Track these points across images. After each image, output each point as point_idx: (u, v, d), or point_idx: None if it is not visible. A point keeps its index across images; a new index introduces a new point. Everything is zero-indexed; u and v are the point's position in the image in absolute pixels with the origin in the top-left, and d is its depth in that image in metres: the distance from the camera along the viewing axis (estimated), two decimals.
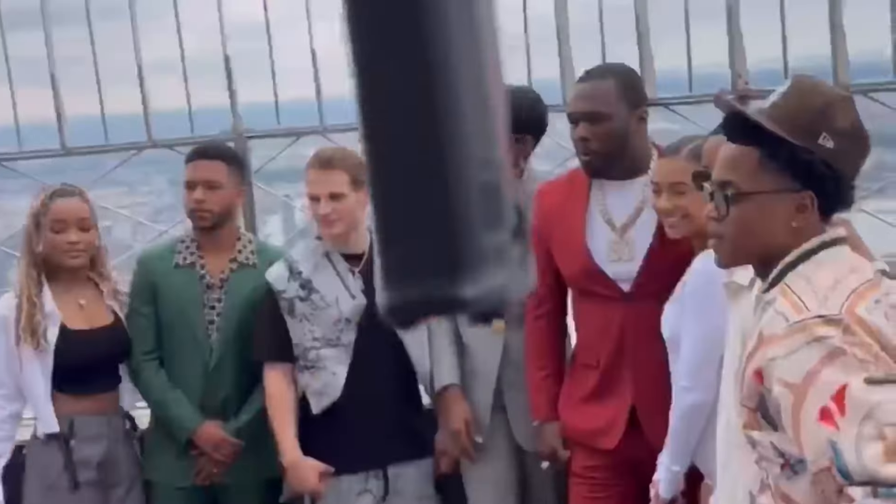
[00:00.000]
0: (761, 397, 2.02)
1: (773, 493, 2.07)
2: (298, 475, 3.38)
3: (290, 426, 3.39)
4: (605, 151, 3.08)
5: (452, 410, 3.43)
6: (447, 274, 0.58)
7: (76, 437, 3.48)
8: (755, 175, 2.02)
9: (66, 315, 3.49)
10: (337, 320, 3.37)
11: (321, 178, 3.33)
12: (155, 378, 3.56)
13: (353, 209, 3.36)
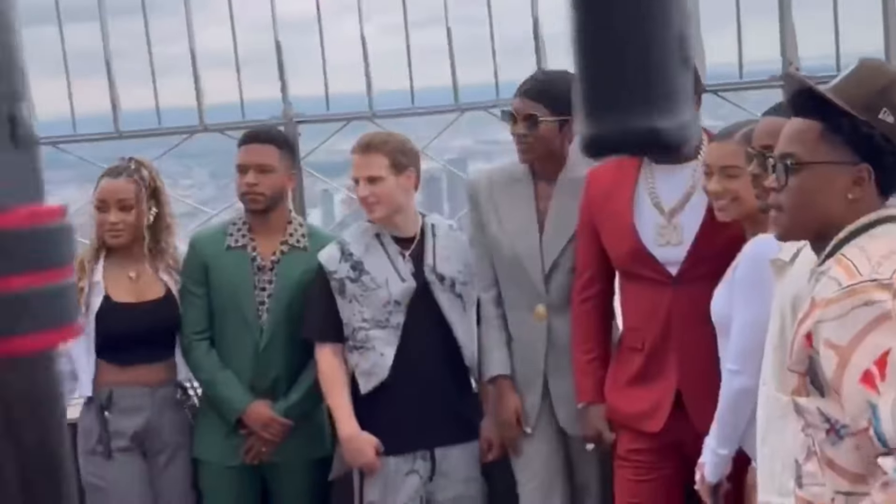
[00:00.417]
0: (810, 361, 2.06)
1: (819, 459, 2.09)
2: (355, 448, 3.43)
3: (345, 400, 3.45)
4: None
5: (503, 401, 3.45)
6: (644, 107, 0.65)
7: (114, 406, 3.55)
8: (816, 147, 2.09)
9: (112, 287, 3.57)
10: (386, 302, 3.42)
11: (361, 162, 3.42)
12: (205, 358, 3.62)
13: (391, 192, 3.41)
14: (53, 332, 0.62)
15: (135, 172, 3.60)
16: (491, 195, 3.45)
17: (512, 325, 3.45)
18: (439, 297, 3.46)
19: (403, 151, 3.45)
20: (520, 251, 3.40)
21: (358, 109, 4.34)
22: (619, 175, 3.24)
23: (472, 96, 4.34)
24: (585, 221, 3.29)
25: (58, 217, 0.61)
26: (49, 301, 0.60)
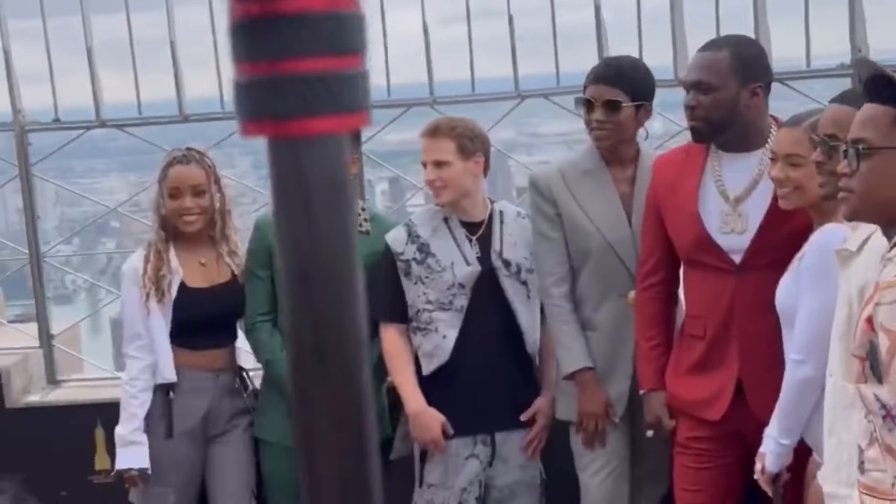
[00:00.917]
0: (871, 345, 2.06)
1: (880, 446, 2.09)
2: (422, 423, 3.46)
3: (410, 377, 3.49)
4: (711, 121, 3.11)
5: (592, 394, 3.44)
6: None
7: (179, 389, 3.61)
8: (888, 133, 2.10)
9: (186, 273, 3.64)
10: (451, 285, 3.45)
11: (429, 146, 3.45)
12: (269, 339, 3.66)
13: (458, 177, 3.44)
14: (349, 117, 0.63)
15: (202, 159, 3.67)
16: (567, 188, 3.45)
17: (600, 314, 3.45)
18: (504, 283, 3.47)
19: (471, 137, 3.47)
20: (612, 239, 3.41)
21: (418, 96, 4.36)
22: (686, 162, 3.24)
23: (531, 84, 4.35)
24: (651, 208, 3.29)
25: (353, 5, 0.61)
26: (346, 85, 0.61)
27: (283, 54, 0.59)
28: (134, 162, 16.00)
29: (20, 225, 6.30)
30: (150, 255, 3.60)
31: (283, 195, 0.63)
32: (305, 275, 0.63)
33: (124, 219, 8.23)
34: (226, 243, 3.71)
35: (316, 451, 0.64)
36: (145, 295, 3.56)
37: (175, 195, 3.61)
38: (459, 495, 3.51)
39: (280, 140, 0.61)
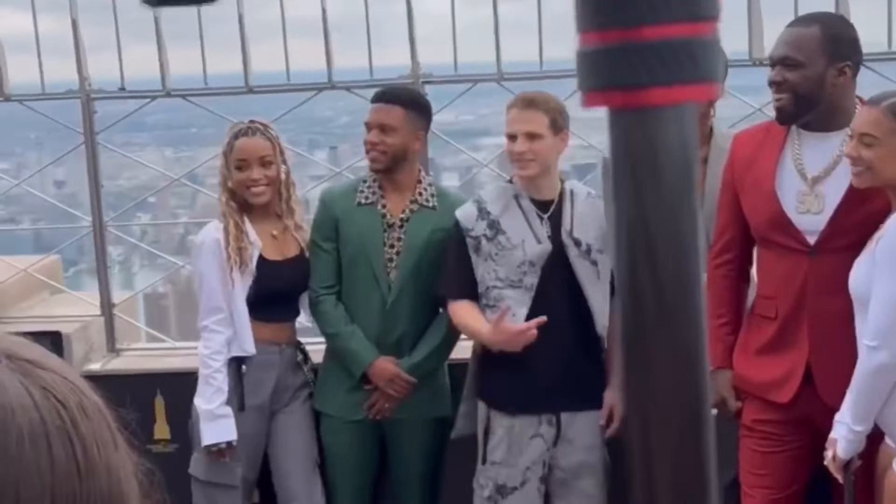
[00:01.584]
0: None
1: None
2: (501, 331, 3.34)
3: (485, 324, 3.42)
4: (797, 97, 3.07)
5: None
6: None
7: (250, 362, 3.62)
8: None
9: (263, 246, 3.63)
10: (521, 263, 3.43)
11: (521, 117, 3.41)
12: (333, 311, 3.67)
13: (548, 151, 3.42)
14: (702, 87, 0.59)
15: (266, 131, 3.67)
16: None
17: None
18: (574, 262, 3.46)
19: (561, 112, 3.46)
20: None
21: (485, 72, 4.35)
22: (766, 139, 3.20)
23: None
24: (727, 185, 3.25)
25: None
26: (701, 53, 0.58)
27: (636, 21, 0.57)
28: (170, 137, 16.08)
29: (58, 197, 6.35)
30: (230, 226, 3.60)
31: (629, 169, 0.60)
32: (652, 255, 0.60)
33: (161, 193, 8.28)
34: (291, 216, 3.71)
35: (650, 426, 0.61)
36: (229, 267, 3.56)
37: (242, 167, 3.61)
38: (523, 474, 3.50)
39: (628, 111, 0.59)
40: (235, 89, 4.50)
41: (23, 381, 0.90)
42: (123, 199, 9.04)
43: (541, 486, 3.53)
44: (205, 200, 12.72)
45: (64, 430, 0.89)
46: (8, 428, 0.88)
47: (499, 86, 4.28)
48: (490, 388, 3.54)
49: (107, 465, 0.91)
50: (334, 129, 15.02)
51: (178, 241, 12.78)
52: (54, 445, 0.88)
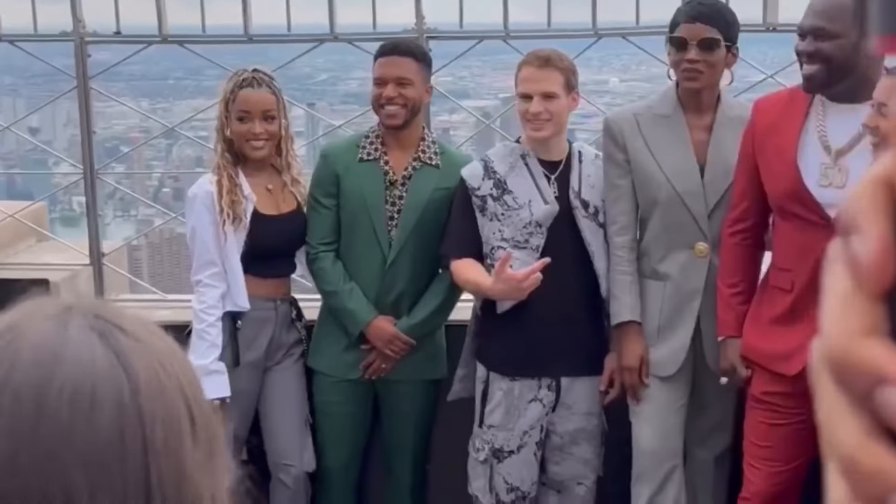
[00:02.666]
0: None
1: None
2: (506, 286, 3.23)
3: (486, 276, 3.33)
4: (830, 69, 2.97)
5: (630, 347, 3.40)
6: None
7: (245, 318, 3.54)
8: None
9: (257, 199, 3.54)
10: (527, 223, 3.36)
11: (538, 76, 3.32)
12: (332, 268, 3.59)
13: (562, 111, 3.35)
14: None
15: (271, 83, 3.57)
16: (640, 134, 3.36)
17: (667, 265, 3.37)
18: (581, 224, 3.39)
19: (573, 72, 3.39)
20: (681, 190, 3.31)
21: (492, 29, 4.25)
22: (789, 109, 3.13)
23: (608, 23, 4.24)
24: (747, 153, 3.19)
25: None
26: None
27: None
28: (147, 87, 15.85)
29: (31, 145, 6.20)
30: (223, 179, 3.51)
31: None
32: None
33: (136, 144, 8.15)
34: (289, 171, 3.63)
35: None
36: (222, 221, 3.47)
37: (244, 118, 3.51)
38: (520, 438, 3.46)
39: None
40: (235, 37, 4.38)
41: (97, 340, 0.82)
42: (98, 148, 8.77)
43: (537, 450, 3.49)
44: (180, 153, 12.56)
45: (118, 401, 0.81)
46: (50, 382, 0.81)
47: (505, 43, 4.19)
48: (490, 350, 3.48)
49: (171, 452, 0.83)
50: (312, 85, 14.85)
51: (153, 194, 12.65)
52: (97, 414, 0.80)
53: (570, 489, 3.56)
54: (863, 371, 0.35)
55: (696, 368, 3.44)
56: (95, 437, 0.78)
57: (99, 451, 0.78)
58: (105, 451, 0.78)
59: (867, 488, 0.35)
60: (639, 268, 3.42)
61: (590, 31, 4.17)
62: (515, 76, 3.38)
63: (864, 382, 0.35)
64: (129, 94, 18.21)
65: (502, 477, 3.48)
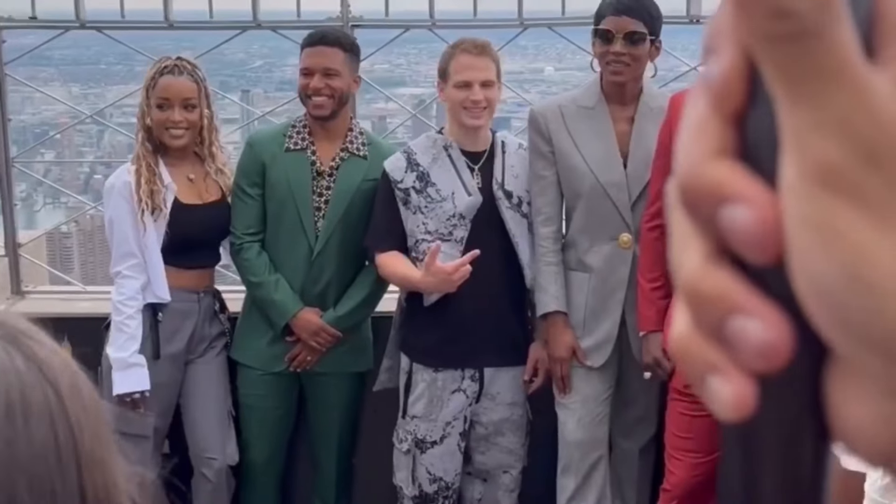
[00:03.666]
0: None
1: None
2: (436, 278, 3.22)
3: (414, 269, 3.32)
4: None
5: (560, 337, 3.40)
6: None
7: (167, 310, 3.49)
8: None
9: (178, 189, 3.48)
10: (451, 215, 3.34)
11: (477, 64, 3.30)
12: (257, 259, 3.55)
13: (496, 100, 3.35)
14: None
15: (194, 72, 3.51)
16: (565, 125, 3.36)
17: (591, 256, 3.37)
18: (505, 215, 3.37)
19: (499, 60, 3.38)
20: (604, 181, 3.32)
21: (418, 18, 4.22)
22: None
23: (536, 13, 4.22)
24: (664, 147, 3.20)
25: None
26: None
27: None
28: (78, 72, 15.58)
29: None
30: (142, 168, 3.44)
31: None
32: None
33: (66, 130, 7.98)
34: (213, 161, 3.57)
35: None
36: (140, 211, 3.41)
37: (163, 106, 3.45)
38: (443, 429, 3.45)
39: None
40: (155, 24, 4.29)
41: (12, 349, 0.80)
42: (26, 134, 8.68)
43: (461, 441, 3.48)
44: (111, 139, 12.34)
45: (49, 412, 0.79)
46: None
47: (430, 32, 4.15)
48: (413, 341, 3.46)
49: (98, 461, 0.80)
50: (247, 72, 14.73)
51: (84, 181, 12.43)
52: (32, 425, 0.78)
53: (495, 478, 3.56)
54: (708, 191, 0.33)
55: (621, 360, 3.46)
56: (34, 450, 0.77)
57: (37, 463, 0.76)
58: (43, 463, 0.77)
59: (707, 313, 0.34)
60: (564, 259, 3.42)
61: (515, 21, 4.15)
62: (445, 64, 3.35)
63: (710, 203, 0.33)
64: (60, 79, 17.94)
65: (425, 468, 3.47)
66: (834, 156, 0.31)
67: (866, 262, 0.31)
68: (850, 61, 0.31)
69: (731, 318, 0.33)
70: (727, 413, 0.34)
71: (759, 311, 0.33)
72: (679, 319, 0.36)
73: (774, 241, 0.33)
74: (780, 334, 0.33)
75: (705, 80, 0.34)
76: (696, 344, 0.35)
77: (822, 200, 0.31)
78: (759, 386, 0.34)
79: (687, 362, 0.35)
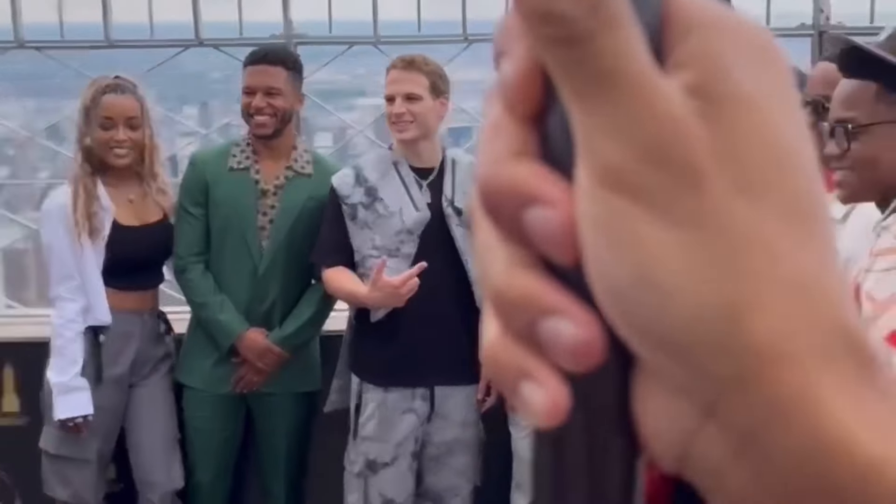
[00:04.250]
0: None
1: None
2: (383, 292, 3.20)
3: (361, 284, 3.29)
4: None
5: None
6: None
7: (109, 332, 3.43)
8: (874, 108, 2.03)
9: (117, 210, 3.43)
10: (399, 231, 3.31)
11: (401, 77, 3.29)
12: (201, 280, 3.50)
13: (427, 114, 3.30)
14: None
15: (135, 90, 3.48)
16: None
17: None
18: (454, 231, 3.34)
19: (441, 76, 3.36)
20: None
21: (362, 34, 4.18)
22: None
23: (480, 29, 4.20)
24: None
25: None
26: None
27: None
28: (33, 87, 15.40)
29: None
30: (79, 190, 3.39)
31: None
32: None
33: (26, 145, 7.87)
34: (154, 180, 3.52)
35: None
36: (77, 233, 3.35)
37: (107, 126, 3.40)
38: (394, 450, 3.40)
39: None
40: (95, 43, 4.22)
41: None
42: None
43: (413, 462, 3.44)
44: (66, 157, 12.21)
45: None
46: None
47: (375, 48, 4.12)
48: (363, 360, 3.42)
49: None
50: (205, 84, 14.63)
51: (40, 198, 12.27)
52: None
53: (445, 500, 3.52)
54: (508, 193, 0.33)
55: None
56: None
57: None
58: None
59: (516, 318, 0.34)
60: None
61: (460, 36, 4.13)
62: (385, 80, 3.35)
63: (511, 205, 0.33)
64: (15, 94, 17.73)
65: (377, 490, 3.42)
66: (617, 158, 0.31)
67: (651, 261, 0.31)
68: (628, 65, 0.31)
69: (542, 320, 0.33)
70: (541, 419, 0.34)
71: (569, 310, 0.33)
72: (489, 328, 0.35)
73: (576, 242, 0.33)
74: (592, 332, 0.33)
75: (499, 82, 0.34)
76: (506, 351, 0.34)
77: (608, 202, 0.32)
78: (571, 392, 0.33)
79: (498, 371, 0.35)
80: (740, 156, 0.31)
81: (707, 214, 0.31)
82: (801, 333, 0.32)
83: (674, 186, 0.31)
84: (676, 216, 0.31)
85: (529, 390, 0.34)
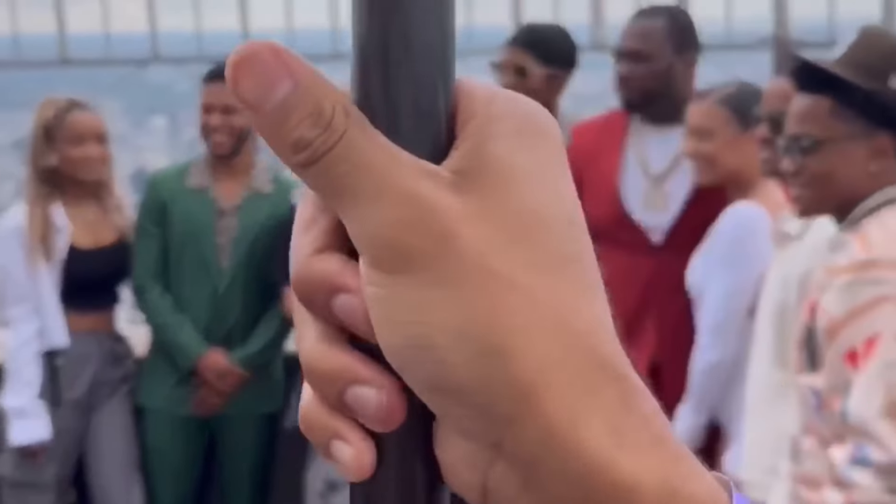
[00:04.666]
0: (808, 332, 2.02)
1: (815, 437, 2.05)
2: None
3: None
4: (646, 91, 3.01)
5: None
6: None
7: (66, 355, 3.39)
8: (829, 123, 2.05)
9: (74, 230, 3.39)
10: None
11: None
12: (160, 300, 3.46)
13: None
14: None
15: (93, 109, 3.44)
16: None
17: None
18: None
19: None
20: None
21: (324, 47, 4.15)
22: (607, 132, 3.13)
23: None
24: None
25: None
26: None
27: None
28: None
29: None
30: (34, 212, 3.34)
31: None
32: None
33: None
34: (111, 198, 3.48)
35: None
36: (33, 255, 3.30)
37: (78, 142, 3.36)
38: None
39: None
40: (48, 62, 4.16)
41: None
42: None
43: None
44: None
45: None
46: None
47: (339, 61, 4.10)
48: None
49: None
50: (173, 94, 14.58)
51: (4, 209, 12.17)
52: None
53: None
54: (317, 285, 0.38)
55: None
56: None
57: None
58: None
59: (327, 388, 0.38)
60: None
61: None
62: None
63: (320, 294, 0.38)
64: None
65: None
66: (376, 242, 0.36)
67: (423, 323, 0.35)
68: (368, 166, 0.36)
69: (349, 388, 0.38)
70: (350, 474, 0.38)
71: (373, 379, 0.37)
72: (305, 395, 0.40)
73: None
74: (393, 397, 0.37)
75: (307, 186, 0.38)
76: (319, 416, 0.39)
77: (381, 279, 0.36)
78: (378, 447, 0.38)
79: (312, 432, 0.39)
80: (493, 218, 0.36)
81: (466, 272, 0.35)
82: (562, 369, 0.36)
83: (430, 252, 0.35)
84: (437, 278, 0.35)
85: (338, 449, 0.38)
